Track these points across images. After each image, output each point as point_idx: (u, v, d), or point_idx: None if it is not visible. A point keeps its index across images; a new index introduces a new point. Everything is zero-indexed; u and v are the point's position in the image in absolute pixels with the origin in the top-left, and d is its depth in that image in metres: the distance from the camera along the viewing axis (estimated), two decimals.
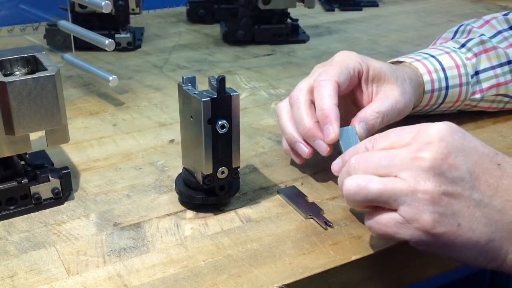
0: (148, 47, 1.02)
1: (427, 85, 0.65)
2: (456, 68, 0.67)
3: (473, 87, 0.68)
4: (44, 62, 0.52)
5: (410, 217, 0.42)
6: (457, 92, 0.67)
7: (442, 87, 0.66)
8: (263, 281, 0.46)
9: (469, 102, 0.69)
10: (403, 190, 0.42)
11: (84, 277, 0.46)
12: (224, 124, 0.51)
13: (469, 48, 0.68)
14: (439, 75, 0.66)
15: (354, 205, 0.47)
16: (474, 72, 0.67)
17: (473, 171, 0.43)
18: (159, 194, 0.58)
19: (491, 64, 0.68)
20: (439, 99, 0.67)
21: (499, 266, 0.44)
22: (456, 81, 0.67)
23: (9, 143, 0.51)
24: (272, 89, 0.84)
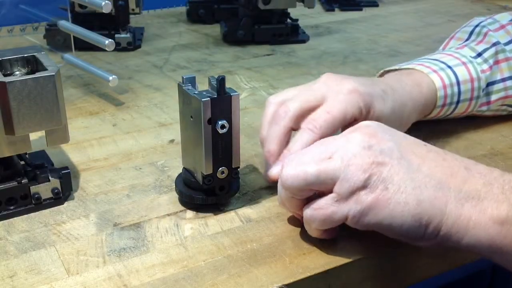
0: (148, 47, 1.02)
1: (439, 100, 0.64)
2: (471, 82, 0.66)
3: (482, 99, 0.68)
4: (44, 62, 0.52)
5: (345, 191, 0.45)
6: (467, 105, 0.67)
7: (454, 101, 0.66)
8: (263, 281, 0.46)
9: (475, 113, 0.69)
10: (336, 167, 0.45)
11: (84, 277, 0.46)
12: (224, 124, 0.51)
13: (485, 59, 0.67)
14: (453, 89, 0.65)
15: (291, 192, 0.48)
16: (485, 85, 0.67)
17: (400, 144, 0.46)
18: (159, 194, 0.58)
19: (502, 76, 0.68)
20: (447, 112, 0.67)
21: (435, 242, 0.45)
22: (468, 95, 0.66)
23: (9, 143, 0.51)
24: (272, 89, 0.84)
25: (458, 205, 0.43)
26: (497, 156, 0.65)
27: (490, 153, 0.66)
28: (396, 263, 0.52)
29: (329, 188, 0.46)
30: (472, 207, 0.43)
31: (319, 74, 0.84)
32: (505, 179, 0.44)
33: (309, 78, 0.87)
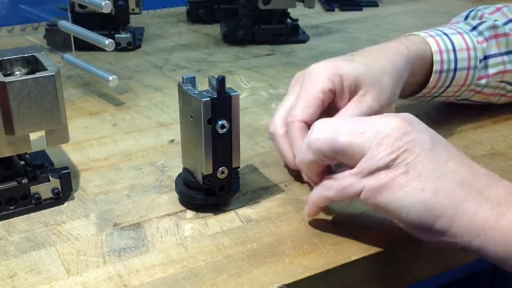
0: (148, 47, 1.02)
1: (436, 65, 0.65)
2: (467, 51, 0.66)
3: (480, 72, 0.67)
4: (44, 62, 0.52)
5: (368, 167, 0.45)
6: (465, 75, 0.67)
7: (451, 68, 0.66)
8: (263, 281, 0.46)
9: (474, 87, 0.69)
10: (366, 142, 0.45)
11: (84, 277, 0.46)
12: (224, 124, 0.51)
13: (481, 31, 0.68)
14: (449, 56, 0.65)
15: (315, 155, 0.48)
16: (483, 57, 0.67)
17: (433, 139, 0.46)
18: (159, 194, 0.58)
19: (499, 50, 0.68)
20: (446, 81, 0.66)
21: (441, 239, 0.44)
22: (465, 64, 0.66)
23: (9, 143, 0.51)
24: (272, 89, 0.84)
25: (476, 205, 0.43)
26: (497, 156, 0.65)
27: (490, 153, 0.66)
28: (396, 263, 0.52)
29: (353, 162, 0.46)
30: (491, 210, 0.42)
31: None
32: None
33: None
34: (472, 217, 0.43)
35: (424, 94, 0.68)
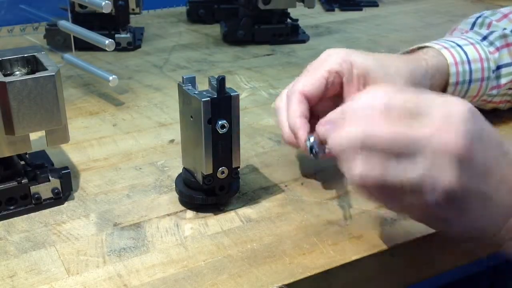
0: (148, 47, 1.02)
1: (452, 77, 0.64)
2: (480, 62, 0.66)
3: (492, 82, 0.67)
4: (44, 62, 0.52)
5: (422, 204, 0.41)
6: (478, 87, 0.67)
7: (466, 80, 0.65)
8: (263, 281, 0.46)
9: (485, 98, 0.69)
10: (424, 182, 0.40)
11: (84, 277, 0.46)
12: (224, 124, 0.51)
13: (492, 41, 0.68)
14: (464, 67, 0.65)
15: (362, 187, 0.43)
16: (495, 67, 0.67)
17: (488, 162, 0.41)
18: (159, 194, 0.58)
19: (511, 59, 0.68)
20: (461, 93, 0.66)
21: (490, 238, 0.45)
22: (479, 75, 0.66)
23: (9, 143, 0.51)
24: (272, 89, 0.84)
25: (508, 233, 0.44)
26: None
27: None
28: (396, 263, 0.52)
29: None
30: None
31: None
32: None
33: None
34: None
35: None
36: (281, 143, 0.64)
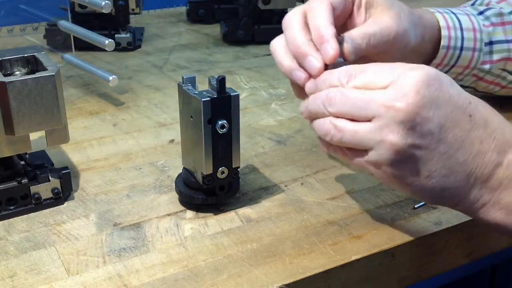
0: (148, 47, 1.02)
1: (444, 39, 0.64)
2: (473, 31, 0.66)
3: (485, 56, 0.68)
4: (44, 62, 0.52)
5: (375, 161, 0.45)
6: (470, 56, 0.67)
7: (458, 46, 0.65)
8: (263, 281, 0.46)
9: (477, 72, 0.69)
10: (372, 139, 0.44)
11: (84, 277, 0.46)
12: (224, 124, 0.51)
13: (487, 16, 0.68)
14: (456, 33, 0.65)
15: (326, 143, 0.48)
16: (488, 41, 0.67)
17: (443, 125, 0.44)
18: (159, 194, 0.58)
19: (506, 37, 0.68)
20: (452, 59, 0.66)
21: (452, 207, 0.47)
22: (471, 44, 0.66)
23: (9, 143, 0.51)
24: (272, 89, 0.84)
25: (477, 194, 0.45)
26: None
27: None
28: (395, 263, 0.52)
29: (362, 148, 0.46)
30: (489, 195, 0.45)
31: None
32: None
33: None
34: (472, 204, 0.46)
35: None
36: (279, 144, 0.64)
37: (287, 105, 0.79)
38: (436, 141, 0.44)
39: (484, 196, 0.45)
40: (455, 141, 0.44)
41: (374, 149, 0.44)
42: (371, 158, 0.45)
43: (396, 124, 0.43)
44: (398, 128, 0.43)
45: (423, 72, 0.44)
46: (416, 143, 0.43)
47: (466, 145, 0.44)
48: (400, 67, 0.45)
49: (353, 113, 0.45)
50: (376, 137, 0.44)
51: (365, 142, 0.44)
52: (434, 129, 0.43)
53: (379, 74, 0.46)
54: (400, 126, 0.43)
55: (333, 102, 0.46)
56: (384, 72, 0.45)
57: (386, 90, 0.44)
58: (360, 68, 0.47)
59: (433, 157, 0.44)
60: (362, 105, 0.44)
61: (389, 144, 0.43)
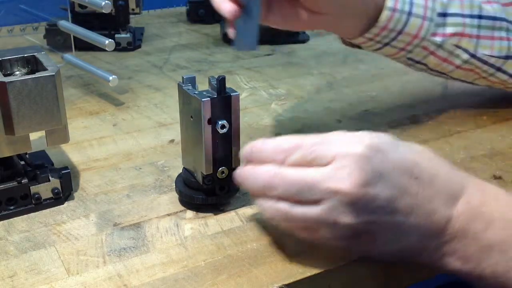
0: (148, 47, 1.02)
1: (389, 0, 0.60)
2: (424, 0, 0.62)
3: (436, 28, 0.63)
4: (44, 62, 0.52)
5: (329, 238, 0.45)
6: (419, 24, 0.62)
7: (405, 11, 0.61)
8: (263, 281, 0.46)
9: (427, 44, 0.64)
10: (323, 222, 0.43)
11: (84, 277, 0.46)
12: (224, 124, 0.51)
13: None
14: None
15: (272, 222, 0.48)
16: (442, 12, 0.63)
17: (391, 195, 0.43)
18: (159, 194, 0.58)
19: (462, 11, 0.64)
20: (398, 24, 0.61)
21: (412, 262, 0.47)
22: (421, 11, 0.61)
23: (9, 143, 0.51)
24: (272, 89, 0.84)
25: (433, 248, 0.46)
26: (497, 156, 0.65)
27: (490, 153, 0.66)
28: (395, 263, 0.52)
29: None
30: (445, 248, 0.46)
31: (319, 74, 0.85)
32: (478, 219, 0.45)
33: (309, 78, 0.88)
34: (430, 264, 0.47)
35: (374, 36, 0.62)
36: None
37: (287, 105, 0.79)
38: (387, 213, 0.43)
39: (441, 249, 0.46)
40: (405, 208, 0.44)
41: (327, 229, 0.44)
42: (325, 236, 0.45)
43: (345, 206, 0.42)
44: (348, 210, 0.42)
45: (363, 146, 0.43)
46: (368, 220, 0.43)
47: (417, 209, 0.44)
48: (338, 142, 0.44)
49: (299, 197, 0.43)
50: (328, 220, 0.43)
51: (317, 224, 0.44)
52: (383, 203, 0.43)
53: (317, 151, 0.44)
54: (349, 208, 0.42)
55: (274, 186, 0.44)
56: (322, 148, 0.44)
57: (329, 171, 0.42)
58: (296, 144, 0.45)
59: (386, 227, 0.44)
60: (307, 189, 0.43)
61: (342, 225, 0.43)
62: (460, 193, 0.45)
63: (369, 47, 0.64)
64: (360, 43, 0.64)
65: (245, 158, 0.48)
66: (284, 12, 0.58)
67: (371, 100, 0.80)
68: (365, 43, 0.64)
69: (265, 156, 0.46)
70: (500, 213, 0.45)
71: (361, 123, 0.74)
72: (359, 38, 0.63)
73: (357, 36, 0.63)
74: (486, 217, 0.45)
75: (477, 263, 0.45)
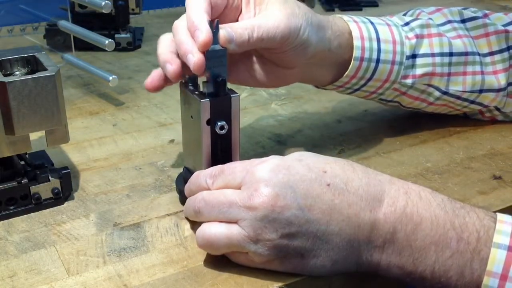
0: (148, 47, 1.02)
1: (357, 51, 0.60)
2: (392, 44, 0.61)
3: (406, 71, 0.63)
4: (44, 62, 0.52)
5: (260, 261, 0.45)
6: (388, 70, 0.62)
7: (373, 58, 0.61)
8: (263, 281, 0.46)
9: (398, 87, 0.64)
10: (246, 240, 0.44)
11: (84, 277, 0.46)
12: (223, 126, 0.50)
13: (412, 28, 0.64)
14: (372, 44, 0.60)
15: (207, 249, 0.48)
16: (411, 54, 0.63)
17: (304, 204, 0.44)
18: (159, 194, 0.58)
19: (432, 51, 0.64)
20: (367, 72, 0.61)
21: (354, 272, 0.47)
22: (389, 57, 0.61)
23: (9, 143, 0.51)
24: (272, 89, 0.84)
25: (368, 256, 0.45)
26: (497, 156, 0.65)
27: (490, 153, 0.66)
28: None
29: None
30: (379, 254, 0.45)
31: None
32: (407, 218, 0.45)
33: None
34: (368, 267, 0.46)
35: (344, 84, 0.62)
36: None
37: (287, 105, 0.79)
38: (304, 222, 0.44)
39: (375, 256, 0.45)
40: (322, 215, 0.44)
41: (252, 249, 0.45)
42: (257, 258, 0.45)
43: (261, 221, 0.43)
44: (265, 225, 0.43)
45: (268, 164, 0.46)
46: (289, 232, 0.44)
47: (335, 215, 0.44)
48: (249, 164, 0.47)
49: (221, 218, 0.45)
50: (251, 237, 0.44)
51: (241, 245, 0.45)
52: (297, 213, 0.44)
53: (232, 173, 0.47)
54: (265, 223, 0.43)
55: (201, 211, 0.47)
56: (236, 169, 0.47)
57: (241, 190, 0.45)
58: (220, 169, 0.48)
59: (308, 237, 0.44)
60: (226, 210, 0.45)
61: (266, 241, 0.44)
62: (382, 196, 0.45)
63: (340, 92, 0.65)
64: (331, 89, 0.65)
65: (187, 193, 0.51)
66: (252, 70, 0.58)
67: (371, 100, 0.80)
68: (336, 89, 0.64)
69: (198, 183, 0.49)
70: (427, 212, 0.45)
71: (361, 123, 0.74)
72: (329, 86, 0.63)
73: (327, 84, 0.63)
74: (414, 218, 0.44)
75: (414, 266, 0.44)
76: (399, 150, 0.67)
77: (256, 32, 0.51)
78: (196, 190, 0.49)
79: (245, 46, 0.51)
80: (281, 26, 0.52)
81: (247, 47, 0.51)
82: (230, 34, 0.50)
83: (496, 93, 0.67)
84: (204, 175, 0.48)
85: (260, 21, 0.52)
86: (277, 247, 0.44)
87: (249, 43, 0.51)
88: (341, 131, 0.71)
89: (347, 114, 0.76)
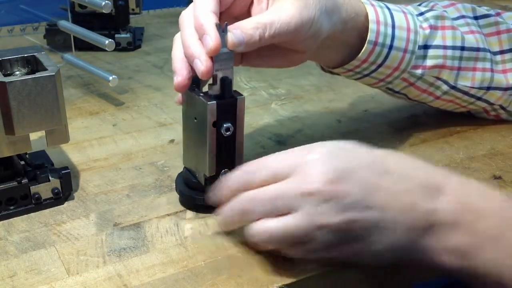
0: (148, 47, 1.02)
1: (371, 34, 0.58)
2: (407, 31, 0.60)
3: (417, 61, 0.62)
4: (44, 62, 0.52)
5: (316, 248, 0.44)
6: (400, 58, 0.61)
7: (386, 44, 0.59)
8: (263, 281, 0.46)
9: (407, 77, 0.63)
10: (302, 227, 0.43)
11: (84, 277, 0.46)
12: (229, 127, 0.50)
13: (427, 18, 0.63)
14: (387, 30, 0.59)
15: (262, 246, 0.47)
16: (423, 44, 0.62)
17: (364, 191, 0.43)
18: (159, 194, 0.58)
19: (444, 43, 0.63)
20: (379, 58, 0.60)
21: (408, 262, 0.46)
22: (403, 44, 0.60)
23: (9, 143, 0.51)
24: (272, 89, 0.84)
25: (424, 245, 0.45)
26: (497, 156, 0.65)
27: (490, 153, 0.66)
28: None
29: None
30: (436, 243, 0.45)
31: (319, 74, 0.85)
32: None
33: (309, 78, 0.87)
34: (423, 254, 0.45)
35: (354, 67, 0.61)
36: None
37: (287, 105, 0.79)
38: (364, 208, 0.43)
39: (432, 244, 0.45)
40: (381, 203, 0.44)
41: (312, 237, 0.44)
42: (313, 247, 0.44)
43: (321, 206, 0.43)
44: (325, 210, 0.43)
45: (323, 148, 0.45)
46: (348, 218, 0.43)
47: (393, 203, 0.44)
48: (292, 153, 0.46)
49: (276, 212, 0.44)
50: (309, 226, 0.43)
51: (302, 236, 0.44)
52: (358, 199, 0.43)
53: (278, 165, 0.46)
54: (326, 208, 0.43)
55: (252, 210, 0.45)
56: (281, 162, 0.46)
57: (293, 179, 0.44)
58: (256, 165, 0.47)
59: (367, 225, 0.44)
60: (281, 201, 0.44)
61: (325, 227, 0.43)
62: (441, 186, 0.45)
63: (348, 76, 0.64)
64: (340, 72, 0.64)
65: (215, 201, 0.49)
66: (263, 54, 0.56)
67: (371, 100, 0.80)
68: (345, 73, 0.63)
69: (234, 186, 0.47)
70: (487, 207, 0.44)
71: (361, 123, 0.74)
72: (339, 68, 0.62)
73: (337, 66, 0.62)
74: (475, 209, 0.44)
75: (471, 258, 0.44)
76: (400, 149, 0.67)
77: (268, 32, 0.49)
78: (232, 194, 0.47)
79: (256, 46, 0.50)
80: (292, 22, 0.50)
81: (258, 46, 0.50)
82: (239, 38, 0.48)
83: (503, 92, 0.67)
84: (239, 176, 0.47)
85: (272, 17, 0.50)
86: (338, 234, 0.43)
87: (260, 43, 0.50)
88: (341, 131, 0.71)
89: (347, 114, 0.76)
